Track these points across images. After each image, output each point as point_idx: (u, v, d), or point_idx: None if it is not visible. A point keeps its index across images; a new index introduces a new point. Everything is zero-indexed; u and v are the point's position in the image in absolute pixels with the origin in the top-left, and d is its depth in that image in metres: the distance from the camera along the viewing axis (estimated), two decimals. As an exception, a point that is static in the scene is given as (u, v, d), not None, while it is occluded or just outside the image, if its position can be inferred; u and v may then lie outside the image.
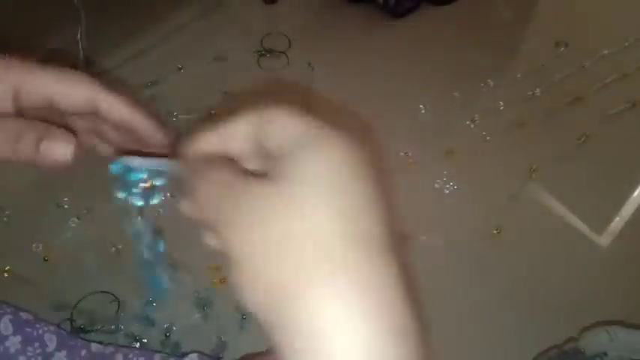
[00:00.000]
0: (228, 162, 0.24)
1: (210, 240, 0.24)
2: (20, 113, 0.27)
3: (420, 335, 0.19)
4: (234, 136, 0.24)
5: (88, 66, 0.92)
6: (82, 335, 0.63)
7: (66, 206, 0.77)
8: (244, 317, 0.68)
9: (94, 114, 0.28)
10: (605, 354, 0.60)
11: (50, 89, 0.27)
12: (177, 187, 0.25)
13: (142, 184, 0.29)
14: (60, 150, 0.26)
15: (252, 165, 0.25)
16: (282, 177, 0.20)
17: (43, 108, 0.27)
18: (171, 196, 0.77)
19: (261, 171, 0.25)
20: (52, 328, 0.58)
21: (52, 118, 0.28)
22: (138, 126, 0.29)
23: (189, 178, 0.23)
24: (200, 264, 0.71)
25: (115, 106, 0.28)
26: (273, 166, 0.21)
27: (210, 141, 0.25)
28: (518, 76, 1.02)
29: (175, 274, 0.71)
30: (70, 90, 0.27)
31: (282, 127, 0.22)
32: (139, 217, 0.31)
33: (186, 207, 0.25)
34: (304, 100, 0.93)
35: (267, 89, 0.92)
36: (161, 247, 0.33)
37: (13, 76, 0.26)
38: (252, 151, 0.24)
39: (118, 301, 0.67)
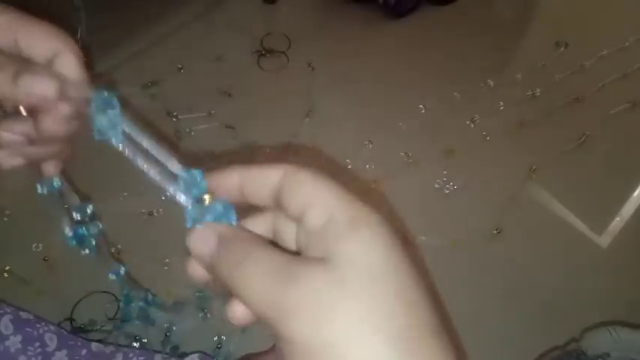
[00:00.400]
0: (262, 239, 0.22)
1: (237, 315, 0.23)
2: None
3: None
4: (257, 183, 0.23)
5: (87, 66, 0.92)
6: (82, 335, 0.63)
7: (66, 206, 0.77)
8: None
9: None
10: (608, 355, 0.59)
11: (16, 30, 0.25)
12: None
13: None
14: (42, 85, 0.24)
15: (259, 222, 0.24)
16: (338, 265, 0.19)
17: (12, 50, 0.26)
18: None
19: (272, 234, 0.24)
20: (52, 327, 0.58)
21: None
22: (78, 97, 0.26)
23: (217, 252, 0.22)
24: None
25: (73, 66, 0.26)
26: (314, 243, 0.20)
27: (232, 180, 0.23)
28: (518, 76, 1.02)
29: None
30: (37, 34, 0.26)
31: (312, 194, 0.21)
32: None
33: (234, 309, 0.23)
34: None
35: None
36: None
37: None
38: (269, 204, 0.23)
39: (118, 301, 0.67)
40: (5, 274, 0.69)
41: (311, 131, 0.90)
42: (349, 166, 0.86)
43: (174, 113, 0.89)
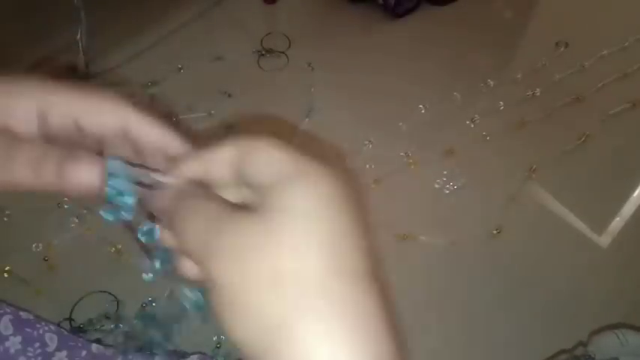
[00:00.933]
0: (211, 192, 0.24)
1: (188, 269, 0.24)
2: (47, 139, 0.25)
3: None
4: (215, 162, 0.24)
5: (87, 66, 0.92)
6: (81, 335, 0.63)
7: (66, 206, 0.77)
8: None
9: (124, 137, 0.26)
10: (617, 359, 0.59)
11: (77, 109, 0.25)
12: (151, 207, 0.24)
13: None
14: (86, 173, 0.23)
15: (229, 194, 0.24)
16: (268, 210, 0.20)
17: (71, 132, 0.25)
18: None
19: (241, 202, 0.24)
20: (52, 327, 0.58)
21: (83, 143, 0.25)
22: (168, 146, 0.26)
23: (170, 205, 0.23)
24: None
25: (146, 128, 0.26)
26: (258, 198, 0.21)
27: (192, 165, 0.24)
28: (518, 76, 1.02)
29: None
30: (98, 109, 0.25)
31: (264, 158, 0.22)
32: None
33: (165, 235, 0.24)
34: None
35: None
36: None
37: (38, 96, 0.24)
38: (231, 179, 0.24)
39: (118, 301, 0.67)
40: (5, 274, 0.69)
41: (311, 131, 0.90)
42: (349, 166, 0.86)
43: (175, 113, 0.89)
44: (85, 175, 0.23)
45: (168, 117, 0.89)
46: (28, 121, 0.24)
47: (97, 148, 0.26)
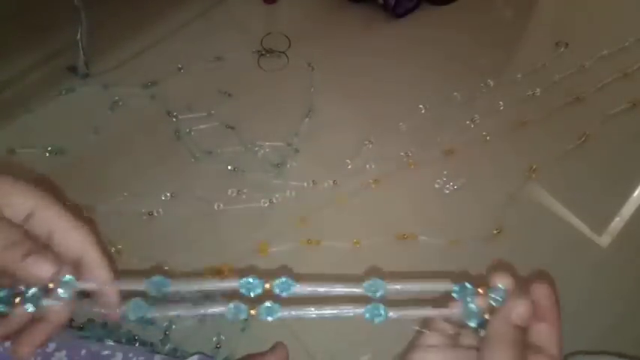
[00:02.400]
0: None
1: None
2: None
3: None
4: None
5: (87, 66, 0.92)
6: (80, 334, 0.63)
7: None
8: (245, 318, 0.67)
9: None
10: None
11: (54, 227, 0.29)
12: None
13: None
14: (43, 269, 0.27)
15: None
16: None
17: (43, 238, 0.29)
18: (171, 196, 0.76)
19: None
20: (51, 328, 0.58)
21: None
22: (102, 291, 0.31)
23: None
24: (200, 264, 0.71)
25: (96, 270, 0.30)
26: None
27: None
28: (518, 76, 1.02)
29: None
30: (69, 235, 0.29)
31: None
32: None
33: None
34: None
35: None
36: None
37: (30, 203, 0.28)
38: None
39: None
40: (5, 274, 0.69)
41: (311, 131, 0.90)
42: (349, 166, 0.86)
43: (174, 113, 0.89)
44: (41, 269, 0.27)
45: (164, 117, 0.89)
46: (16, 219, 0.28)
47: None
